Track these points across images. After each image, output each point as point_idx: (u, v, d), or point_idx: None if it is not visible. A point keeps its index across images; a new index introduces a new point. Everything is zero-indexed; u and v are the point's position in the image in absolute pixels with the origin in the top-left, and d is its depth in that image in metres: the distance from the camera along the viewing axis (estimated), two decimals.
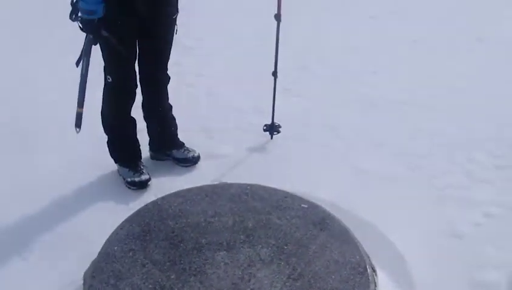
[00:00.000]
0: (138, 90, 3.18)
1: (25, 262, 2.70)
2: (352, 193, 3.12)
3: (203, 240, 2.49)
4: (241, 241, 2.48)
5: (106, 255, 2.42)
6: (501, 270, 2.56)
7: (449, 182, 3.25)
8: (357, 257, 2.39)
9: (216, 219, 2.62)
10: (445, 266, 2.60)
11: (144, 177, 3.23)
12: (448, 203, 3.05)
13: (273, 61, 3.52)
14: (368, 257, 2.46)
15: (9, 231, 2.89)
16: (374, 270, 2.42)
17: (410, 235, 2.77)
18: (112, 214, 2.87)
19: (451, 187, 3.20)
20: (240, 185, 2.88)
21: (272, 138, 3.75)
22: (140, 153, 3.38)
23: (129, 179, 3.23)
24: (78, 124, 2.93)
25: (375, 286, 2.34)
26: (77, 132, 2.97)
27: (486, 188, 3.21)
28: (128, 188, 3.25)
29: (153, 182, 3.29)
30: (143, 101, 3.32)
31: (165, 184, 3.24)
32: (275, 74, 3.56)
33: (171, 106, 3.42)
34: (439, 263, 2.62)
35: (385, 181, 3.25)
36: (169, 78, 3.29)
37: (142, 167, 3.30)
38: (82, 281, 2.41)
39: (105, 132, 3.27)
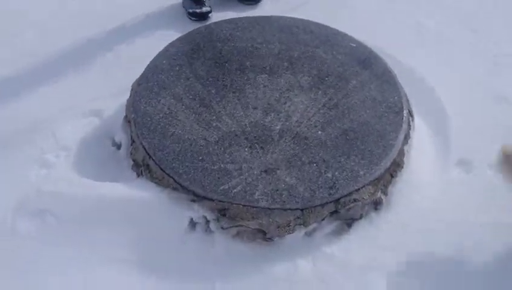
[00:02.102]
0: None
1: (80, 76, 2.86)
2: (409, 45, 3.07)
3: (248, 63, 2.54)
4: (284, 67, 2.52)
5: (154, 67, 2.52)
6: None
7: (509, 51, 3.11)
8: (396, 98, 2.40)
9: (263, 45, 2.65)
10: (486, 127, 2.57)
11: (205, 9, 3.29)
12: (504, 70, 2.94)
13: None
14: (408, 101, 2.45)
15: (72, 48, 3.07)
16: (411, 114, 2.43)
17: (457, 92, 2.73)
18: (169, 41, 2.93)
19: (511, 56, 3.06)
20: (293, 19, 2.86)
21: None
22: None
23: (191, 10, 3.30)
24: None
25: (410, 127, 2.35)
26: None
27: None
28: (190, 19, 3.32)
29: (214, 16, 3.34)
30: None
31: (225, 18, 3.26)
32: None
33: None
34: (480, 122, 2.59)
35: (444, 40, 3.17)
36: None
37: (205, 0, 3.33)
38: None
39: None
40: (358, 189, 2.06)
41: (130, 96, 2.43)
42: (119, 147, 2.43)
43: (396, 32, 3.19)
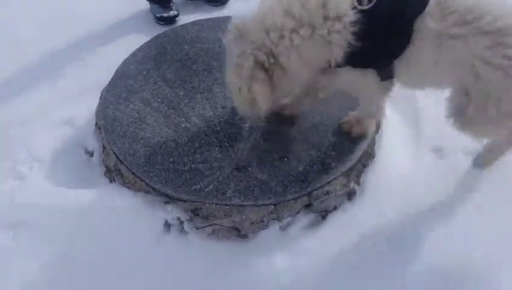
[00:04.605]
0: None
1: (51, 86, 2.86)
2: None
3: (215, 63, 2.55)
4: None
5: (122, 73, 2.52)
6: None
7: None
8: None
9: None
10: None
11: (172, 12, 3.29)
12: None
13: None
14: None
15: (42, 58, 3.08)
16: None
17: None
18: (138, 46, 2.94)
19: None
20: None
21: None
22: None
23: (158, 15, 3.30)
24: None
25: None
26: None
27: None
28: (158, 23, 3.33)
29: (181, 19, 3.34)
30: None
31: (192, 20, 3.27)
32: None
33: None
34: None
35: None
36: None
37: (171, 4, 3.35)
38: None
39: None
40: (330, 181, 2.06)
41: (99, 103, 2.42)
42: (91, 154, 2.42)
43: None
